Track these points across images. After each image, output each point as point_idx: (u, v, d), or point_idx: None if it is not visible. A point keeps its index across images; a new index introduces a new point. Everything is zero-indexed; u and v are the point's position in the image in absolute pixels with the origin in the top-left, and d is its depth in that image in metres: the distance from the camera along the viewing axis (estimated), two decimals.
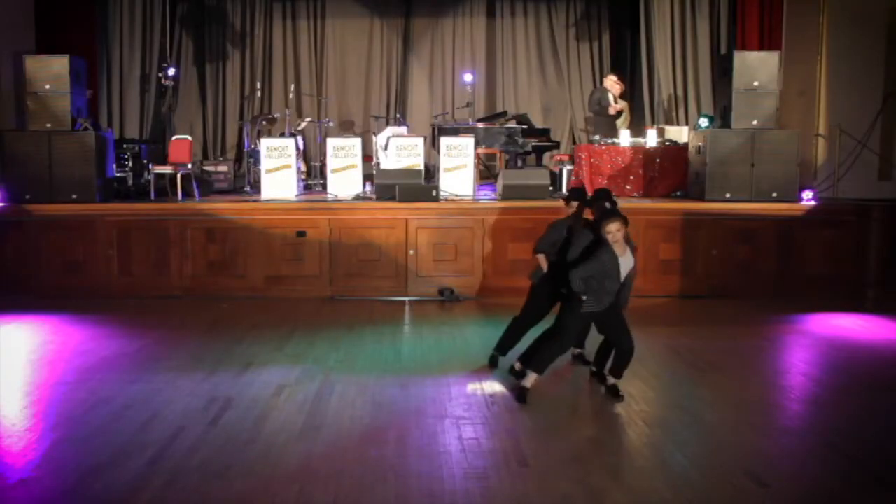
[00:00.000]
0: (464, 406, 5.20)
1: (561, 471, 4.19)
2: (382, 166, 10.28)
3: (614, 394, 5.35)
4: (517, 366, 5.71)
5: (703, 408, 5.26)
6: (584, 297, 5.09)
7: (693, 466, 4.27)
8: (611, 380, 5.43)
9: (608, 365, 5.50)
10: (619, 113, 11.49)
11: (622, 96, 11.78)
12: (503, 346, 6.10)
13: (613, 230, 4.98)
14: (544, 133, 12.10)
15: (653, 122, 12.19)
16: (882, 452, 4.51)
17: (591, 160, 10.34)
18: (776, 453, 4.52)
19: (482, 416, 5.03)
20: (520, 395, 5.31)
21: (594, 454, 4.43)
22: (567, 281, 5.15)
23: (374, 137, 11.36)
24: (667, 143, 10.70)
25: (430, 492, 3.94)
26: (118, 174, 10.32)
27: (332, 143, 10.13)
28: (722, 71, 9.74)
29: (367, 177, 10.30)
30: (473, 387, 5.61)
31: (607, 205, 5.42)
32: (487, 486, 4.01)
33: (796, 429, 4.95)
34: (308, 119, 12.30)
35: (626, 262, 5.10)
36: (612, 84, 11.51)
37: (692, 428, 4.89)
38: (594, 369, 5.75)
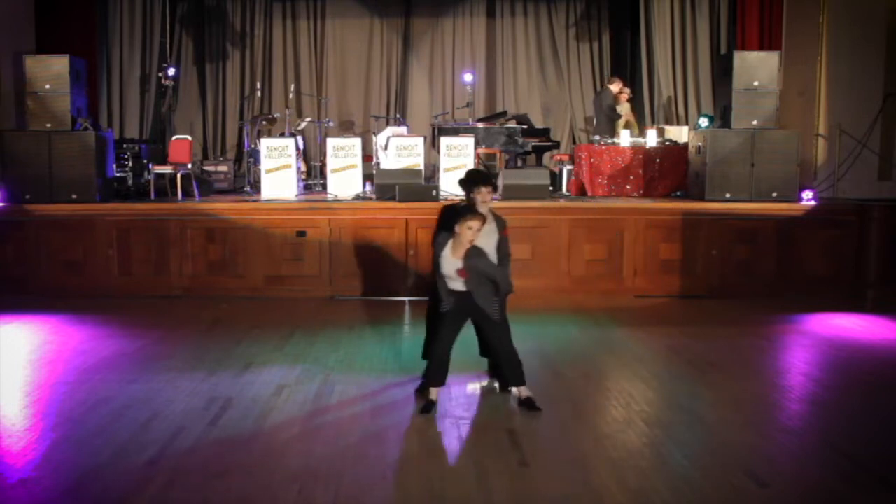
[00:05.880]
0: (464, 406, 5.20)
1: (561, 471, 4.19)
2: (382, 166, 10.28)
3: (530, 406, 5.01)
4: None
5: (703, 408, 5.26)
6: (444, 302, 5.09)
7: (693, 466, 4.26)
8: (523, 392, 5.09)
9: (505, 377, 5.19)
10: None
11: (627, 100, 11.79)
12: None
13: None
14: (544, 133, 12.12)
15: (653, 122, 12.20)
16: (882, 452, 4.50)
17: (591, 160, 10.34)
18: (776, 453, 4.52)
19: (482, 416, 5.02)
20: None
21: (594, 454, 4.43)
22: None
23: (374, 137, 11.36)
24: (667, 143, 10.70)
25: (430, 492, 3.94)
26: (118, 174, 10.33)
27: (332, 143, 10.14)
28: (722, 71, 9.74)
29: (367, 177, 10.30)
30: (473, 387, 5.61)
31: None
32: (487, 485, 4.01)
33: (796, 429, 4.94)
34: (308, 119, 12.29)
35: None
36: (619, 91, 11.55)
37: (692, 428, 4.88)
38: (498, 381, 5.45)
